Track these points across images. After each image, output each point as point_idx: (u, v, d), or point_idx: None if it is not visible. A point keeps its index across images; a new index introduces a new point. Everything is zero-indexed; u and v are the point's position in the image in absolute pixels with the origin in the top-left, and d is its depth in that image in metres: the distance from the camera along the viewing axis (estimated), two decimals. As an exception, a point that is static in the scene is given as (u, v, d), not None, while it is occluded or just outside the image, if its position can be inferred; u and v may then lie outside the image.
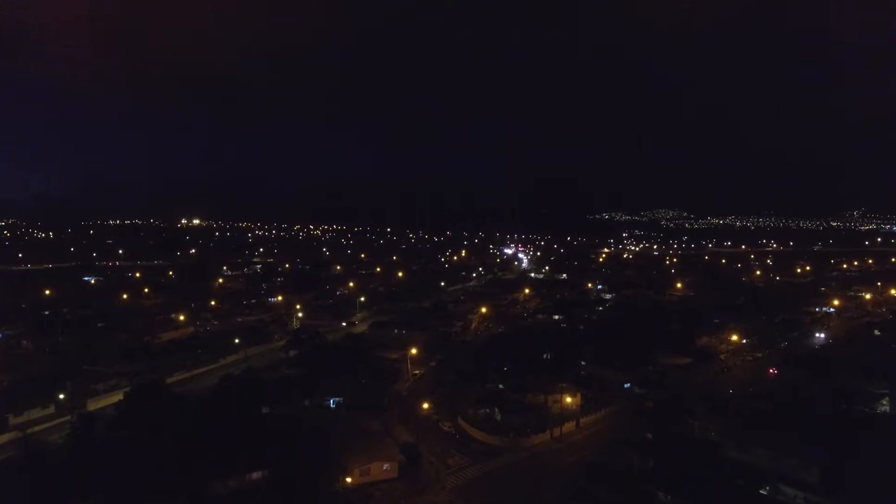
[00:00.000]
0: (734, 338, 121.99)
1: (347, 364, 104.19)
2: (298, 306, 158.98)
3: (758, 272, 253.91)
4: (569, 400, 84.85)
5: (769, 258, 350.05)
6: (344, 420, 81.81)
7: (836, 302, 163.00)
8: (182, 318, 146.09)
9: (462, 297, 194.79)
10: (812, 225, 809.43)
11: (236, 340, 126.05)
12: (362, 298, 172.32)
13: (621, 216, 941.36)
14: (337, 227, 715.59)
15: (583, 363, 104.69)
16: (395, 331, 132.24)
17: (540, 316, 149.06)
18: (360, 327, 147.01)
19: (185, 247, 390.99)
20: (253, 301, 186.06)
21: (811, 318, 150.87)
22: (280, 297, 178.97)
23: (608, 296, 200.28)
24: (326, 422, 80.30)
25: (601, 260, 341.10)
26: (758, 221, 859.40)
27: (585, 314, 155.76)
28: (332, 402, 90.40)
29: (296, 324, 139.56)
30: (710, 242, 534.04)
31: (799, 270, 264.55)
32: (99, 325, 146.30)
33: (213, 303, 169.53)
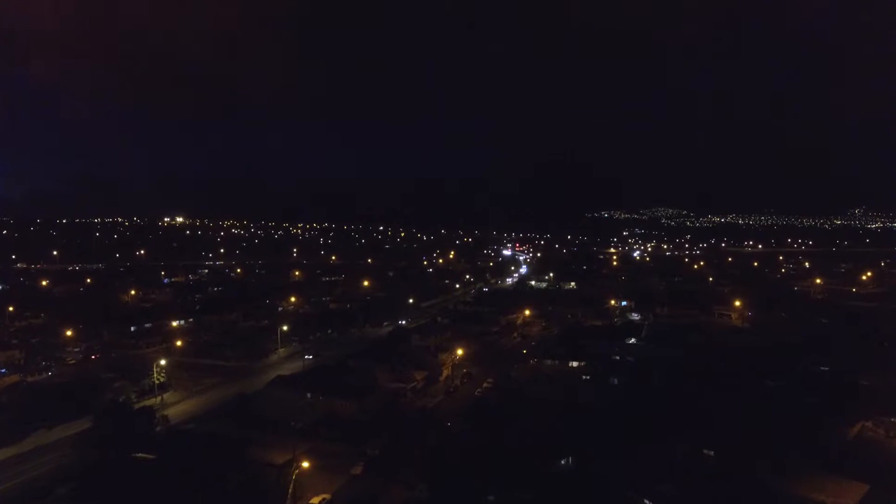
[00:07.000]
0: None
1: (182, 484, 51.97)
2: (179, 343, 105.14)
3: (817, 280, 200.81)
4: None
5: (802, 260, 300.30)
6: None
7: None
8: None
9: (438, 318, 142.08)
10: (816, 223, 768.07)
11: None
12: (284, 328, 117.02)
13: (620, 214, 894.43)
14: (326, 225, 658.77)
15: (635, 488, 51.15)
16: (308, 395, 78.67)
17: (549, 361, 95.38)
18: (269, 375, 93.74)
19: (135, 247, 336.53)
20: (147, 325, 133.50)
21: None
22: (174, 323, 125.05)
23: (636, 316, 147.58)
24: None
25: (614, 264, 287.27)
26: (759, 219, 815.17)
27: (615, 353, 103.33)
28: None
29: (157, 376, 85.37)
30: (724, 242, 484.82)
31: (863, 278, 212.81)
32: None
33: (69, 333, 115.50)
